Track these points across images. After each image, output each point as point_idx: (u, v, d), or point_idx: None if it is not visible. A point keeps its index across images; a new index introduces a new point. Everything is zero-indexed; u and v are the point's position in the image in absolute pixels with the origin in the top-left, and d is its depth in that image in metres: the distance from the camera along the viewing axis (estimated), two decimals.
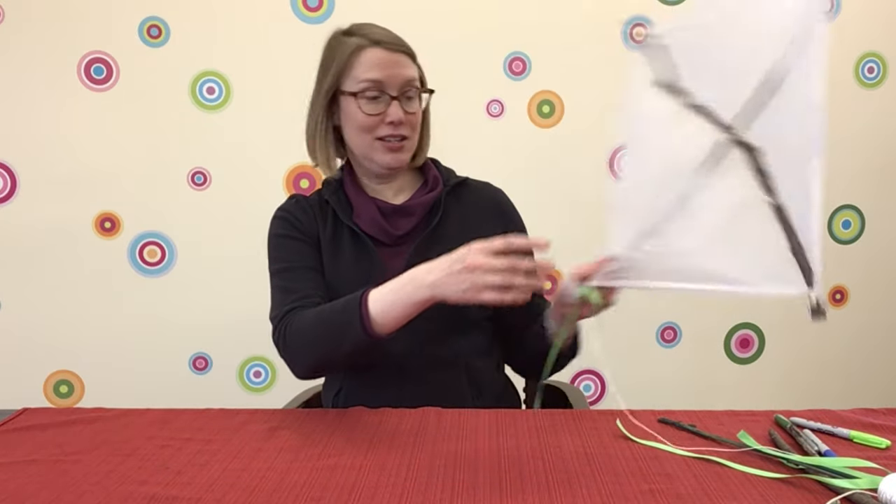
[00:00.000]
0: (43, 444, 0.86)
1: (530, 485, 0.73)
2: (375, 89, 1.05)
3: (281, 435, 0.88)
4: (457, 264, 0.83)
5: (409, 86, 1.07)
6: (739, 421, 0.92)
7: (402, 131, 1.06)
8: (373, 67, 1.05)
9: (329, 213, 1.12)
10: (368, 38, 1.07)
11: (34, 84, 2.13)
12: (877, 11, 2.20)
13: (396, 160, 1.08)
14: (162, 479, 0.75)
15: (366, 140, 1.07)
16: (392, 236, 1.09)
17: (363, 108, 1.05)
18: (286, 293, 1.04)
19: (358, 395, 1.08)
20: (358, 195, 1.12)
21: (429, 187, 1.15)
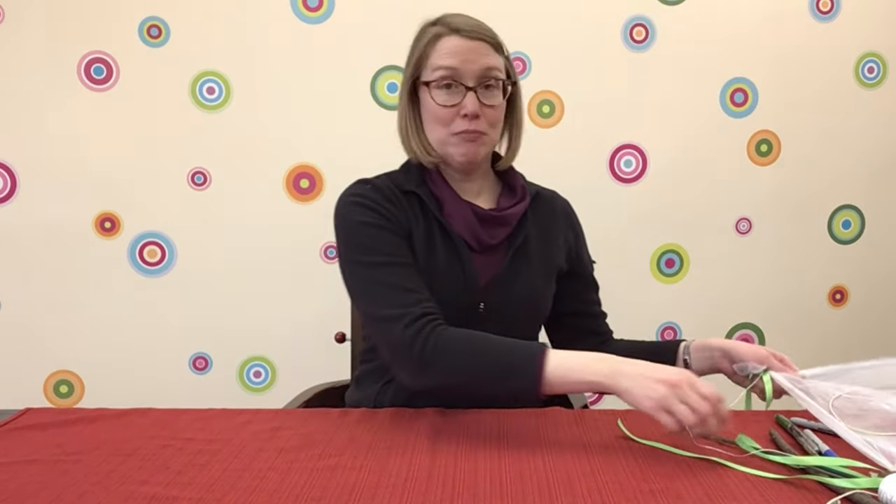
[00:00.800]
0: (44, 443, 0.85)
1: (530, 485, 0.73)
2: (450, 78, 0.99)
3: (283, 435, 0.88)
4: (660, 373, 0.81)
5: (488, 75, 1.00)
6: (740, 421, 0.92)
7: (477, 126, 1.00)
8: (448, 55, 0.99)
9: (417, 206, 1.05)
10: (448, 27, 1.01)
11: (34, 84, 2.13)
12: (877, 11, 2.20)
13: (472, 152, 1.02)
14: (162, 479, 0.75)
15: (441, 133, 1.02)
16: (484, 244, 1.05)
17: (436, 98, 1.00)
18: (404, 292, 0.95)
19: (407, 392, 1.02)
20: (449, 192, 1.05)
21: (518, 196, 1.10)
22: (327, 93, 2.16)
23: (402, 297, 0.94)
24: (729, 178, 2.25)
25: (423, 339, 0.90)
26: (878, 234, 2.30)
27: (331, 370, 1.41)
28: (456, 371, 0.90)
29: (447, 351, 0.90)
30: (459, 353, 0.90)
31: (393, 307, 0.94)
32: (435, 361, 0.90)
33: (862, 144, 2.25)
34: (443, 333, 0.91)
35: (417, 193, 1.05)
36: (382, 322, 0.94)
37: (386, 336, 0.94)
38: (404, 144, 1.08)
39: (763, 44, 2.20)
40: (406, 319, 0.92)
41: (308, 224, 2.19)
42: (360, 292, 0.99)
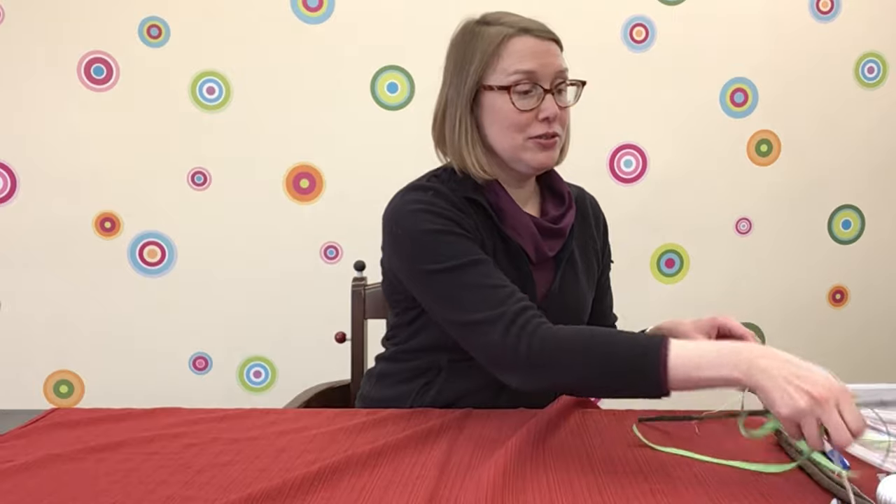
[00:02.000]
0: (68, 441, 0.85)
1: (530, 485, 0.73)
2: (528, 81, 0.95)
3: (306, 435, 0.88)
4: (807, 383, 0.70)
5: (562, 77, 0.98)
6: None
7: (555, 128, 0.97)
8: (525, 57, 0.94)
9: (480, 215, 1.00)
10: (514, 26, 0.96)
11: (34, 84, 2.13)
12: (877, 11, 2.20)
13: (548, 158, 0.98)
14: (181, 478, 0.75)
15: (517, 140, 0.97)
16: (543, 256, 1.02)
17: (516, 104, 0.95)
18: (492, 289, 0.89)
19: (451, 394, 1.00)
20: (509, 203, 1.00)
21: (566, 204, 1.07)
22: (327, 93, 2.16)
23: (491, 296, 0.89)
24: (729, 178, 2.25)
25: (528, 338, 0.85)
26: (878, 234, 2.30)
27: (331, 370, 1.40)
28: (570, 371, 0.83)
29: (558, 349, 0.84)
30: (574, 353, 0.83)
31: (484, 309, 0.88)
32: (546, 362, 0.84)
33: (862, 144, 2.25)
34: (550, 331, 0.85)
35: (478, 201, 1.00)
36: (476, 326, 0.88)
37: (483, 340, 0.88)
38: (455, 156, 1.01)
39: (763, 44, 2.20)
40: (505, 320, 0.86)
41: (308, 224, 2.19)
42: (442, 300, 0.93)
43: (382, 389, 1.10)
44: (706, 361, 0.77)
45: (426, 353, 1.04)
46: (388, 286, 1.06)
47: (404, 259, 0.96)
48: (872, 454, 0.79)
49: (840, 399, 0.69)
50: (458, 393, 1.01)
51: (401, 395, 1.05)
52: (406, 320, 1.05)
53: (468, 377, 1.00)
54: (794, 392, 0.70)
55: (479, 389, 1.01)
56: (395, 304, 1.06)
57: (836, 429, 0.68)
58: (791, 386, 0.71)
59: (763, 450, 0.82)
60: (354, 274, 1.31)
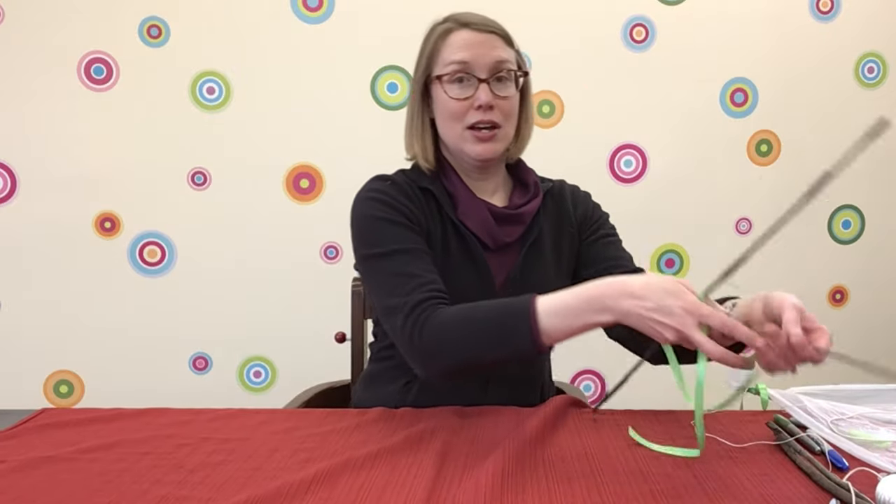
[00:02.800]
0: (60, 442, 0.85)
1: (530, 485, 0.73)
2: (462, 71, 0.98)
3: (297, 435, 0.88)
4: (662, 315, 0.76)
5: (500, 67, 0.99)
6: (740, 421, 0.92)
7: (492, 117, 0.99)
8: (459, 48, 0.98)
9: (433, 204, 1.04)
10: (458, 21, 1.01)
11: (34, 84, 2.13)
12: (877, 11, 2.20)
13: (488, 150, 1.01)
14: (175, 478, 0.75)
15: (456, 129, 1.01)
16: (499, 242, 1.04)
17: (449, 92, 0.99)
18: (407, 278, 0.92)
19: (433, 391, 1.01)
20: (463, 191, 1.04)
21: (531, 193, 1.09)
22: (327, 93, 2.16)
23: (403, 284, 0.92)
24: (729, 178, 2.25)
25: (419, 327, 0.88)
26: (878, 234, 2.30)
27: (331, 370, 1.40)
28: (455, 350, 0.87)
29: (442, 332, 0.87)
30: (453, 331, 0.87)
31: (395, 296, 0.91)
32: (433, 347, 0.88)
33: None
34: (434, 316, 0.88)
35: (432, 190, 1.04)
36: (387, 314, 0.92)
37: (391, 328, 0.92)
38: (408, 147, 1.08)
39: (763, 44, 2.20)
40: (405, 310, 0.89)
41: (308, 224, 2.19)
42: (370, 284, 0.98)
43: (370, 392, 1.11)
44: (574, 309, 0.81)
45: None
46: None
47: (354, 245, 1.01)
48: (872, 454, 0.79)
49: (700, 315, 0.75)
50: (439, 391, 1.01)
51: (386, 397, 1.05)
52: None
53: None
54: (659, 328, 0.76)
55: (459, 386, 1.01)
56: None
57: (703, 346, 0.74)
58: (654, 322, 0.76)
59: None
60: (354, 274, 1.31)
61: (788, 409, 0.88)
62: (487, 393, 1.02)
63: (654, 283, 0.78)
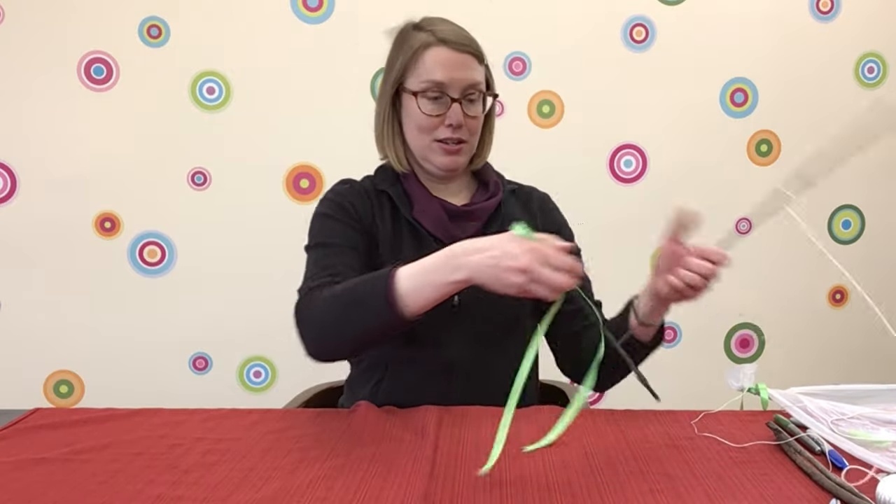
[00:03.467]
0: (53, 443, 0.85)
1: (530, 485, 0.73)
2: (437, 90, 1.02)
3: (291, 435, 0.88)
4: (507, 259, 0.78)
5: (473, 89, 1.04)
6: (740, 421, 0.92)
7: (460, 134, 1.04)
8: (436, 68, 1.02)
9: (387, 205, 1.09)
10: (436, 36, 1.03)
11: (34, 84, 2.13)
12: (877, 11, 2.20)
13: (453, 163, 1.06)
14: (169, 478, 0.75)
15: (424, 140, 1.06)
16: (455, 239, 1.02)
17: (423, 108, 1.03)
18: (320, 268, 1.00)
19: (401, 389, 1.04)
20: (420, 191, 1.08)
21: (490, 192, 1.12)
22: (327, 93, 2.16)
23: (313, 272, 1.00)
24: (729, 178, 2.25)
25: (299, 311, 0.95)
26: (878, 234, 2.30)
27: (331, 370, 1.40)
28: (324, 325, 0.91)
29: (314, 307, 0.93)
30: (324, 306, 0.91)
31: (303, 283, 1.00)
32: (305, 322, 0.93)
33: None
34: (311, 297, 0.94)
35: (388, 192, 1.08)
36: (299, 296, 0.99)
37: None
38: (378, 146, 1.13)
39: (763, 44, 2.20)
40: (301, 293, 0.97)
41: (308, 224, 2.19)
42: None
43: (350, 397, 1.13)
44: (428, 269, 0.84)
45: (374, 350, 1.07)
46: None
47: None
48: (872, 454, 0.79)
49: (546, 256, 0.78)
50: (406, 386, 1.04)
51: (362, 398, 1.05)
52: None
53: (414, 368, 1.05)
54: (507, 275, 0.78)
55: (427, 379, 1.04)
56: None
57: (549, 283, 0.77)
58: (501, 270, 0.78)
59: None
60: None
61: (788, 409, 0.88)
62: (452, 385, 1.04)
63: (501, 236, 0.82)
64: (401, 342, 1.02)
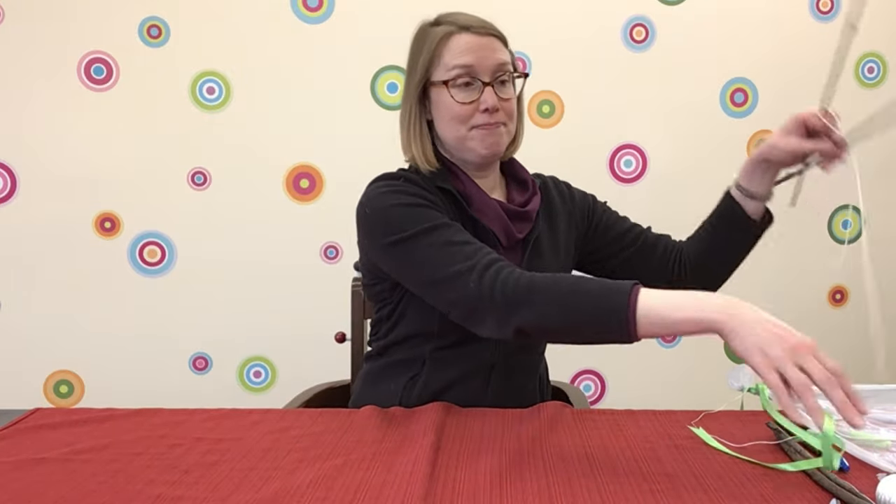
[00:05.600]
0: (52, 443, 0.85)
1: (530, 485, 0.73)
2: (467, 75, 0.99)
3: (291, 435, 0.88)
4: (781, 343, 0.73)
5: (502, 70, 1.01)
6: (740, 421, 0.92)
7: (497, 118, 1.01)
8: (463, 53, 0.99)
9: (449, 202, 1.03)
10: (456, 24, 1.01)
11: (34, 84, 2.13)
12: (877, 11, 2.20)
13: (496, 144, 1.02)
14: (169, 478, 0.75)
15: (460, 131, 1.01)
16: (513, 239, 1.05)
17: (456, 97, 1.00)
18: (461, 245, 0.91)
19: (438, 386, 1.02)
20: (475, 190, 1.04)
21: (530, 189, 1.11)
22: (327, 93, 2.16)
23: (460, 251, 0.90)
24: (729, 178, 2.24)
25: (501, 283, 0.85)
26: (878, 234, 2.30)
27: (331, 370, 1.40)
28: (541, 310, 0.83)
29: (530, 290, 0.84)
30: (543, 292, 0.83)
31: (457, 263, 0.89)
32: (519, 301, 0.84)
33: (862, 144, 2.25)
34: (523, 275, 0.86)
35: (446, 188, 1.03)
36: (450, 281, 0.89)
37: (456, 294, 0.89)
38: (405, 149, 1.07)
39: (763, 44, 2.20)
40: (478, 269, 0.87)
41: (308, 224, 2.20)
42: (414, 265, 0.94)
43: (371, 389, 1.10)
44: (674, 308, 0.77)
45: (409, 345, 1.05)
46: (367, 281, 1.09)
47: (377, 237, 0.98)
48: (872, 454, 0.79)
49: (815, 348, 0.73)
50: (445, 382, 1.02)
51: (388, 395, 1.05)
52: (385, 314, 1.07)
53: (454, 365, 1.03)
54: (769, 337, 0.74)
55: (465, 377, 1.03)
56: (375, 299, 1.09)
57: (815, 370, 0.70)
58: (767, 332, 0.74)
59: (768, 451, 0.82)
60: (354, 274, 1.32)
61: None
62: (490, 384, 1.03)
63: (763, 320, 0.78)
64: (442, 339, 1.00)
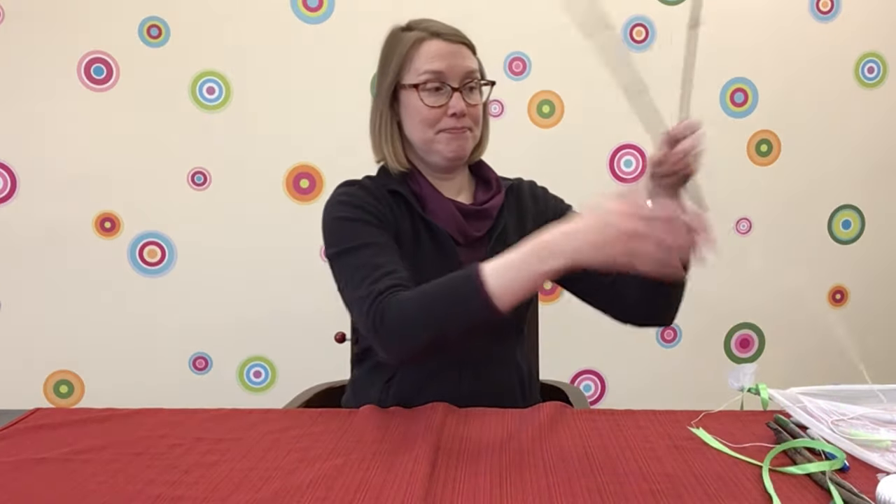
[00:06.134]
0: (53, 443, 0.85)
1: (530, 485, 0.73)
2: (437, 80, 1.03)
3: (291, 435, 0.88)
4: (609, 229, 0.77)
5: (470, 77, 1.05)
6: (740, 421, 0.92)
7: (464, 123, 1.05)
8: (433, 59, 1.03)
9: (401, 204, 1.08)
10: (428, 31, 1.05)
11: (34, 84, 2.13)
12: (877, 11, 2.20)
13: (461, 148, 1.06)
14: (169, 478, 0.75)
15: (428, 133, 1.06)
16: (469, 237, 1.08)
17: (425, 100, 1.04)
18: (371, 269, 0.95)
19: (411, 388, 1.05)
20: (430, 190, 1.09)
21: (494, 189, 1.13)
22: (327, 93, 2.16)
23: (368, 275, 0.94)
24: (729, 178, 2.25)
25: (380, 313, 0.90)
26: (878, 234, 2.30)
27: (331, 370, 1.40)
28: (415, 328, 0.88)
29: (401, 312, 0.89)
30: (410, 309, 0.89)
31: (361, 288, 0.94)
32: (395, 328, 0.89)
33: (862, 144, 2.25)
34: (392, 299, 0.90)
35: (401, 192, 1.08)
36: (353, 306, 0.96)
37: (357, 320, 0.95)
38: (375, 149, 1.13)
39: (763, 44, 2.20)
40: (370, 297, 0.91)
41: (308, 224, 2.18)
42: (338, 279, 1.01)
43: (355, 398, 1.13)
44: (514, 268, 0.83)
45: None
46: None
47: (324, 247, 1.05)
48: (872, 454, 0.79)
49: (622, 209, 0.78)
50: (419, 382, 1.04)
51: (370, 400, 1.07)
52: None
53: (426, 364, 1.04)
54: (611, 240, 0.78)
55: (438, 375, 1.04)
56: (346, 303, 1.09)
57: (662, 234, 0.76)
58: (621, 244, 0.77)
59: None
60: None
61: (788, 409, 0.88)
62: (462, 379, 1.05)
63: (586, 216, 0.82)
64: None
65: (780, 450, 0.80)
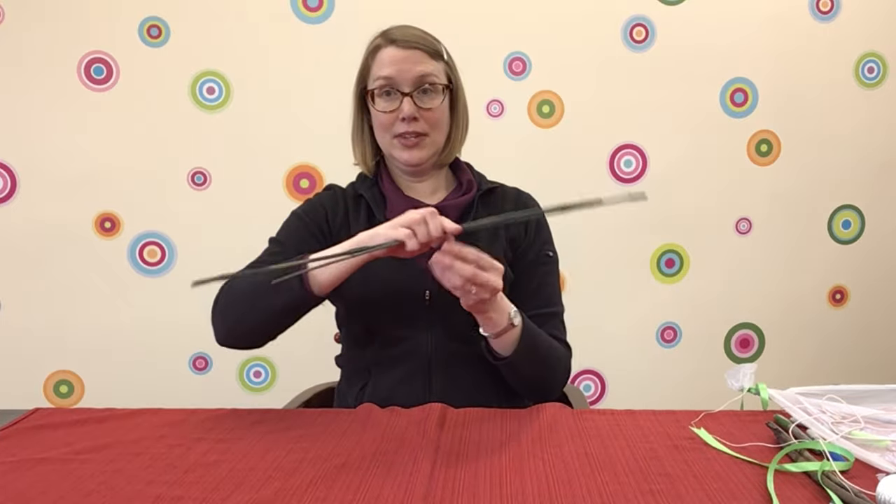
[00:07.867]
0: (53, 443, 0.85)
1: (530, 485, 0.73)
2: (388, 86, 1.07)
3: (291, 435, 0.88)
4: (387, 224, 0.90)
5: (423, 81, 1.07)
6: (740, 421, 0.92)
7: (416, 128, 1.07)
8: (385, 65, 1.07)
9: (363, 208, 1.13)
10: (386, 38, 1.09)
11: (34, 84, 2.13)
12: (877, 11, 2.20)
13: (413, 157, 1.09)
14: (169, 478, 0.75)
15: (385, 138, 1.10)
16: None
17: (378, 106, 1.08)
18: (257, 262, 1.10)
19: (384, 392, 1.06)
20: (394, 192, 1.13)
21: (463, 190, 1.15)
22: (327, 93, 2.16)
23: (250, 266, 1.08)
24: (729, 178, 2.25)
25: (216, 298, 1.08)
26: (878, 234, 2.30)
27: (331, 370, 1.40)
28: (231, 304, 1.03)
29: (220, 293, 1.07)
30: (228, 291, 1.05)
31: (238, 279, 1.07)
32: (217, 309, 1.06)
33: (862, 144, 2.25)
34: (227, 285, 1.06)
35: (364, 196, 1.13)
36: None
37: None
38: (353, 152, 1.18)
39: (763, 44, 2.20)
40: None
41: None
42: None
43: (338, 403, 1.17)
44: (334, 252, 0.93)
45: (351, 355, 1.15)
46: None
47: None
48: (872, 454, 0.79)
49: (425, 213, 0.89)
50: (389, 386, 1.07)
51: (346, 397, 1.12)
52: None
53: (396, 368, 1.07)
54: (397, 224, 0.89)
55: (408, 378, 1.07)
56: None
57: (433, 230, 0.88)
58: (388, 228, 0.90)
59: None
60: None
61: (788, 410, 0.88)
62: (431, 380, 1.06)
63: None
64: (379, 345, 1.07)
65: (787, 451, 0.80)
